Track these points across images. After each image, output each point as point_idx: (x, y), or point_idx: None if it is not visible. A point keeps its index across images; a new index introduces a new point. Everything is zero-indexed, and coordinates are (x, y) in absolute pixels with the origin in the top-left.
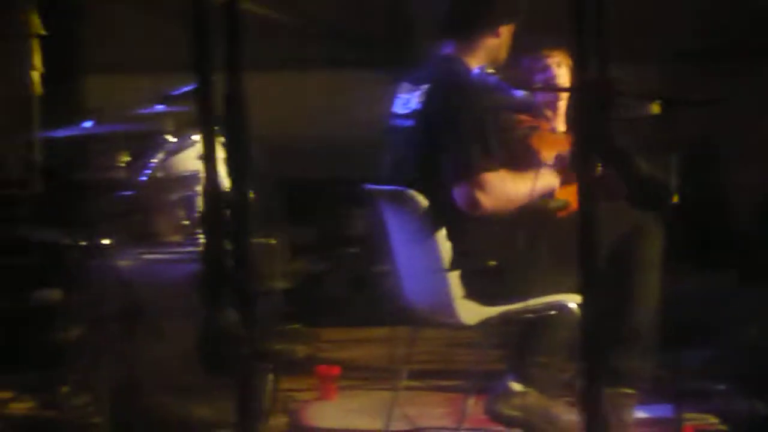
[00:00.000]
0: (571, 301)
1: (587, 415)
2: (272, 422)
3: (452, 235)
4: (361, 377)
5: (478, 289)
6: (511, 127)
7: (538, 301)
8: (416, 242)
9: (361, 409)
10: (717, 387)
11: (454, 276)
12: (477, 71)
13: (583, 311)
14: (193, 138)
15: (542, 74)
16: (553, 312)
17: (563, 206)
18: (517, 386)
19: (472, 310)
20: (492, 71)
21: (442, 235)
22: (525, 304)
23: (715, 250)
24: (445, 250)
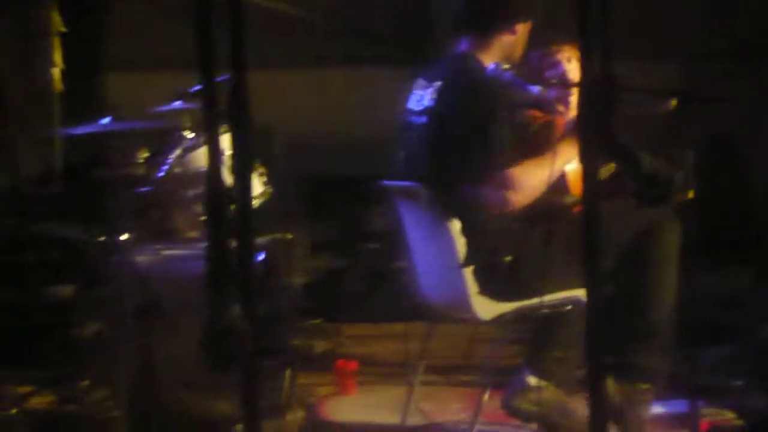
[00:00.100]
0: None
1: (591, 409)
2: (290, 417)
3: (467, 230)
4: (380, 372)
5: (493, 285)
6: (526, 123)
7: (554, 296)
8: (431, 238)
9: (379, 404)
10: (734, 383)
11: (470, 272)
12: (492, 67)
13: (587, 306)
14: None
15: (553, 70)
16: (569, 307)
17: (579, 201)
18: (533, 381)
19: (487, 305)
20: (507, 67)
21: (456, 231)
22: (540, 299)
23: (733, 248)
24: (460, 246)
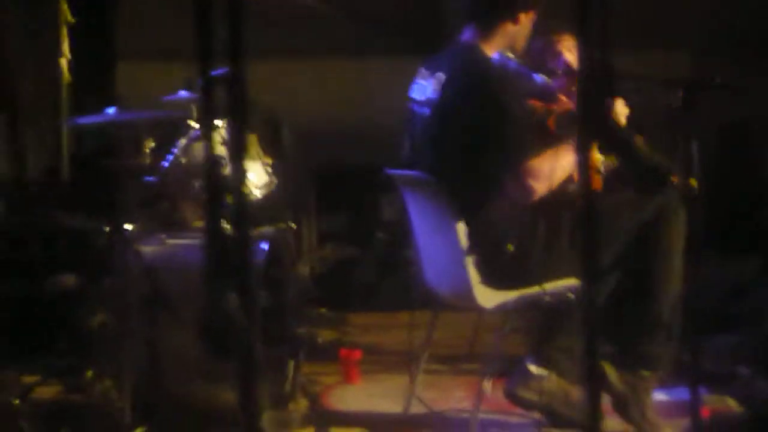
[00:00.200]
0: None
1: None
2: (294, 406)
3: (470, 219)
4: (385, 361)
5: (495, 274)
6: (532, 112)
7: (556, 285)
8: (435, 227)
9: (384, 393)
10: (738, 371)
11: (472, 260)
12: (497, 56)
13: (582, 295)
14: (216, 124)
15: (554, 60)
16: (572, 296)
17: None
18: (536, 370)
19: (489, 294)
20: (511, 56)
21: (460, 220)
22: (542, 287)
23: (740, 237)
24: (463, 235)
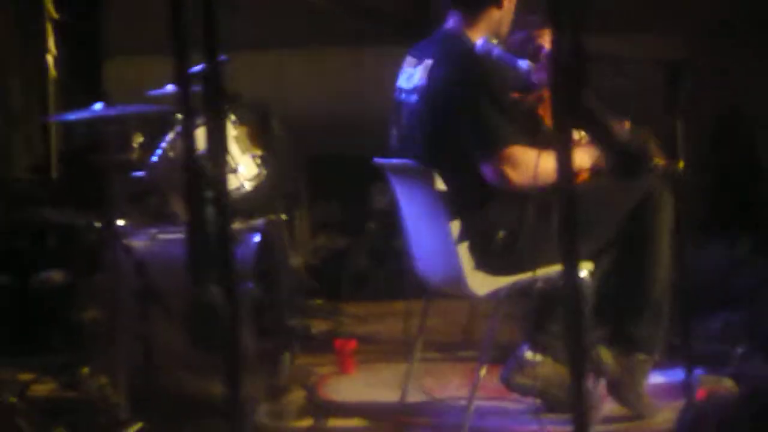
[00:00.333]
0: (583, 270)
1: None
2: (290, 397)
3: (461, 206)
4: (380, 351)
5: (487, 260)
6: (518, 99)
7: (548, 271)
8: (426, 215)
9: (380, 383)
10: (734, 350)
11: (464, 247)
12: (482, 43)
13: (564, 280)
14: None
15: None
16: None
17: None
18: (532, 356)
19: (482, 280)
20: (495, 42)
21: (450, 207)
22: (534, 273)
23: (734, 216)
24: (455, 222)
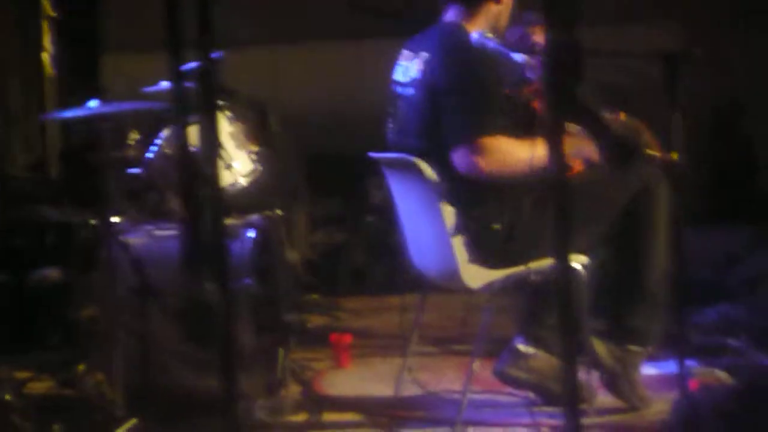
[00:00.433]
0: (577, 263)
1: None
2: (286, 392)
3: (456, 200)
4: (376, 345)
5: (482, 253)
6: (515, 92)
7: (542, 263)
8: (421, 208)
9: (376, 377)
10: (728, 342)
11: (459, 241)
12: (477, 36)
13: (557, 272)
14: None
15: (532, 45)
16: None
17: (568, 168)
18: (525, 348)
19: (476, 273)
20: (491, 36)
21: (446, 201)
22: (528, 266)
23: (731, 208)
24: (450, 216)
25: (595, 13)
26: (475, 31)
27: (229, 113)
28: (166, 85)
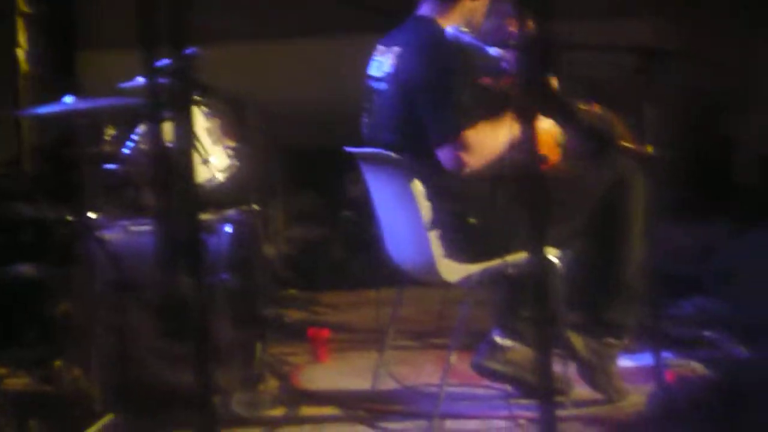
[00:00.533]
0: (553, 255)
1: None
2: (263, 387)
3: (431, 194)
4: (355, 339)
5: (458, 247)
6: (489, 85)
7: (519, 257)
8: (397, 203)
9: (353, 371)
10: (704, 334)
11: (435, 234)
12: (451, 30)
13: (533, 264)
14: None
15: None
16: None
17: (542, 161)
18: (503, 341)
19: (453, 267)
20: (466, 30)
21: (421, 195)
22: (505, 259)
23: (707, 200)
24: (426, 210)
25: (569, 7)
26: (450, 26)
27: (206, 109)
28: (142, 81)
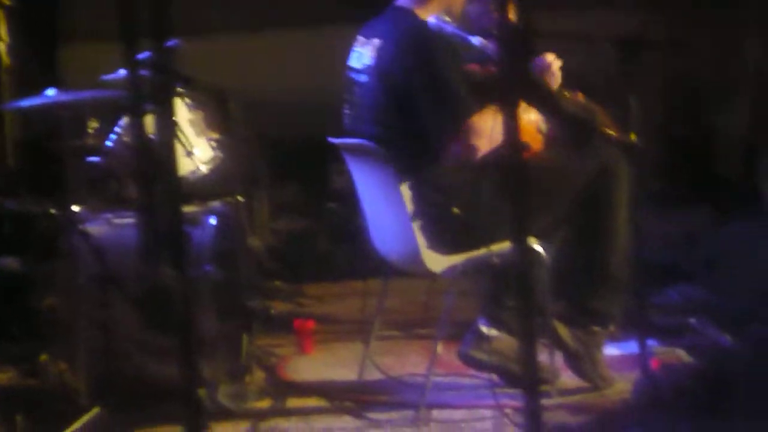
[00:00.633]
0: (537, 245)
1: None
2: (249, 379)
3: (414, 184)
4: (341, 330)
5: (442, 237)
6: (474, 74)
7: (503, 246)
8: (381, 194)
9: (339, 362)
10: (689, 322)
11: (419, 225)
12: (434, 20)
13: (516, 254)
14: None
15: (492, 24)
16: None
17: (524, 149)
18: (488, 331)
19: (437, 257)
20: (448, 20)
21: (405, 186)
22: (489, 249)
23: (689, 188)
24: (409, 201)
25: None
26: (432, 16)
27: (189, 101)
28: (124, 73)
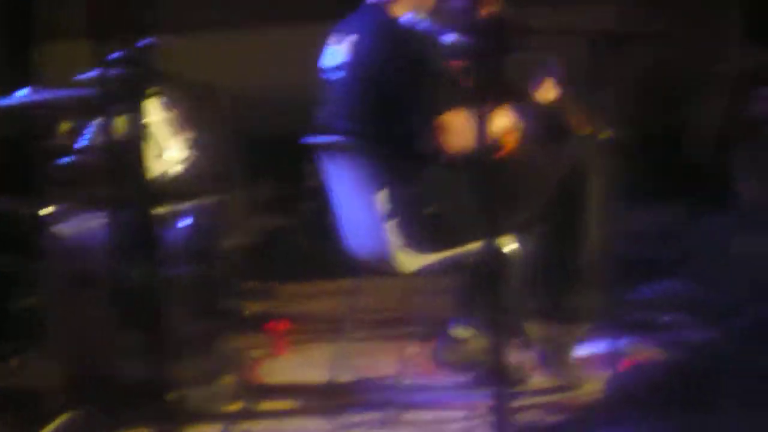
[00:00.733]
0: (511, 242)
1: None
2: (223, 381)
3: (389, 183)
4: (315, 331)
5: (416, 237)
6: (447, 71)
7: (476, 246)
8: (355, 192)
9: (312, 363)
10: (663, 318)
11: (393, 224)
12: (407, 17)
13: (487, 252)
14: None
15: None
16: None
17: (498, 148)
18: (463, 332)
19: (411, 257)
20: (422, 16)
21: (379, 185)
22: (463, 249)
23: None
24: (383, 199)
25: None
26: (404, 12)
27: (164, 99)
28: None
